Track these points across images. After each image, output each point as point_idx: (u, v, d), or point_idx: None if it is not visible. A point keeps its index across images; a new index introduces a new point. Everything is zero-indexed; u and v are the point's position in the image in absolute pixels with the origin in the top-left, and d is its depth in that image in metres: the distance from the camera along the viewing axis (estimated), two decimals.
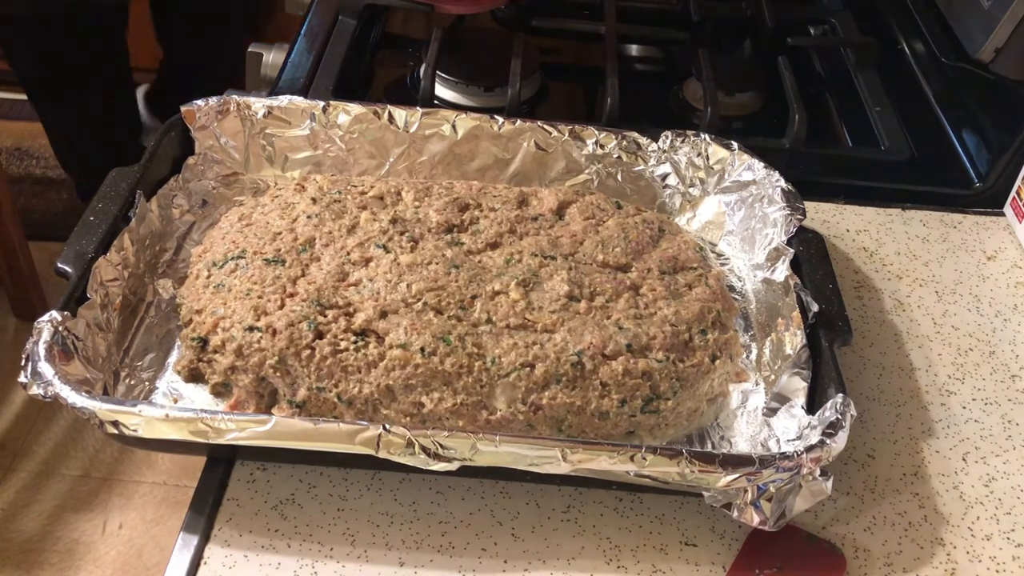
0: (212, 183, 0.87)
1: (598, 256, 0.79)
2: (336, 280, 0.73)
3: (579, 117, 1.13)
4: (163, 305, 0.77)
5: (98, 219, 0.75)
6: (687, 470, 0.60)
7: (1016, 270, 0.93)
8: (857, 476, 0.72)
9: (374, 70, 1.15)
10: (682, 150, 0.88)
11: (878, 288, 0.89)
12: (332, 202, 0.81)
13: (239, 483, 0.68)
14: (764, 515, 0.62)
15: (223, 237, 0.78)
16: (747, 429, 0.72)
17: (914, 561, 0.67)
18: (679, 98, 1.11)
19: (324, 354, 0.68)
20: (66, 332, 0.65)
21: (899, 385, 0.80)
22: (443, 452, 0.60)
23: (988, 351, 0.84)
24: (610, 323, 0.72)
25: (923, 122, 1.08)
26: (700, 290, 0.77)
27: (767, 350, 0.76)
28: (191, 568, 0.63)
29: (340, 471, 0.69)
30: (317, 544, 0.65)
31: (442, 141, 0.88)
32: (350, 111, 0.87)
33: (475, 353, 0.69)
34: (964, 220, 0.98)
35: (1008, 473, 0.74)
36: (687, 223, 0.89)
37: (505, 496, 0.69)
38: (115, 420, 0.61)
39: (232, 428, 0.60)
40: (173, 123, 0.85)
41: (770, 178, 0.84)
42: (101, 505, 1.80)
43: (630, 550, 0.66)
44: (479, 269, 0.76)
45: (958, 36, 1.05)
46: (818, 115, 1.10)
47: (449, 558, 0.65)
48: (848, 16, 1.25)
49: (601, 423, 0.69)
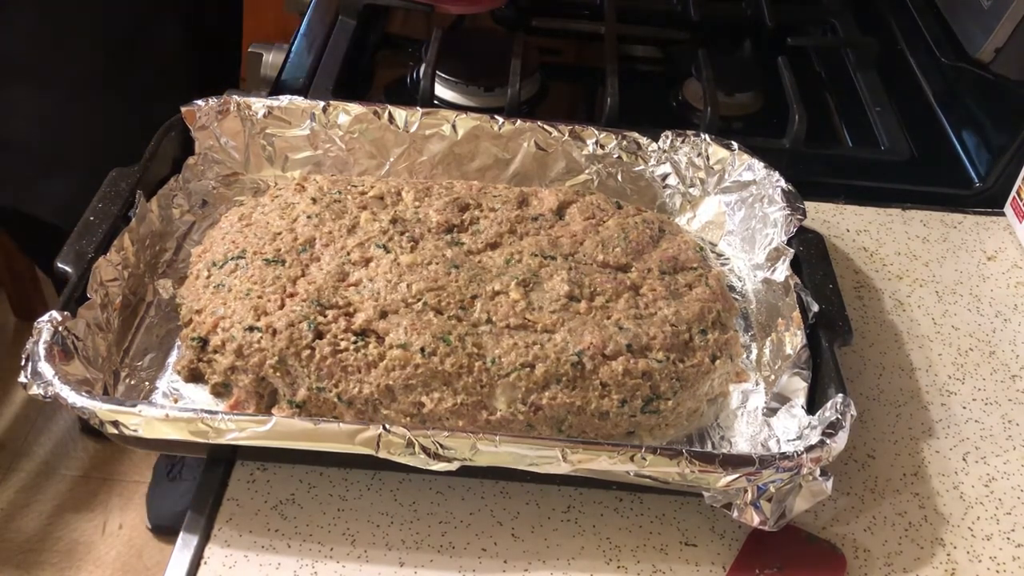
0: (212, 183, 0.87)
1: (598, 256, 0.79)
2: (336, 280, 0.73)
3: (579, 117, 1.13)
4: (163, 305, 0.77)
5: (98, 219, 0.75)
6: (687, 470, 0.60)
7: (1016, 270, 0.93)
8: (857, 476, 0.72)
9: (374, 70, 1.15)
10: (682, 150, 0.88)
11: (878, 288, 0.89)
12: (332, 202, 0.81)
13: (239, 483, 0.68)
14: (764, 515, 0.62)
15: (223, 237, 0.78)
16: (747, 429, 0.72)
17: (914, 561, 0.67)
18: (679, 98, 1.11)
19: (324, 354, 0.68)
20: (66, 332, 0.65)
21: (899, 385, 0.80)
22: (443, 452, 0.60)
23: (988, 351, 0.84)
24: (610, 323, 0.72)
25: (923, 122, 1.08)
26: (700, 290, 0.77)
27: (767, 350, 0.76)
28: (191, 568, 0.63)
29: (340, 471, 0.69)
30: (317, 544, 0.65)
31: (442, 141, 0.88)
32: (350, 111, 0.87)
33: (475, 353, 0.69)
34: (964, 220, 0.98)
35: (1008, 473, 0.74)
36: (687, 223, 0.89)
37: (505, 496, 0.69)
38: (115, 420, 0.61)
39: (232, 428, 0.60)
40: (173, 123, 0.85)
41: (770, 178, 0.84)
42: (101, 505, 1.80)
43: (630, 550, 0.66)
44: (479, 269, 0.76)
45: (958, 36, 1.05)
46: (818, 115, 1.10)
47: (449, 558, 0.65)
48: (848, 16, 1.25)
49: (601, 423, 0.69)
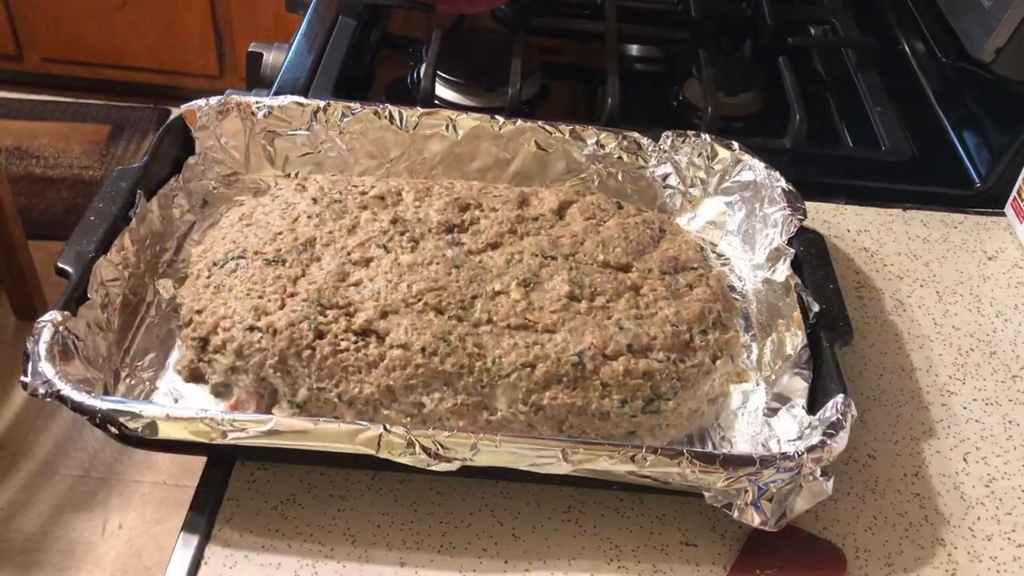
0: (212, 183, 0.87)
1: (599, 256, 0.79)
2: (337, 280, 0.73)
3: (579, 117, 1.13)
4: (163, 305, 0.77)
5: (99, 219, 0.75)
6: (688, 470, 0.60)
7: (1017, 270, 0.93)
8: (858, 476, 0.72)
9: (374, 70, 1.15)
10: (683, 150, 0.88)
11: (879, 288, 0.89)
12: (332, 202, 0.81)
13: (239, 483, 0.68)
14: (765, 515, 0.62)
15: (223, 237, 0.78)
16: (748, 429, 0.72)
17: (915, 561, 0.67)
18: (679, 98, 1.11)
19: (325, 354, 0.68)
20: (66, 332, 0.65)
21: (900, 385, 0.80)
22: (444, 452, 0.60)
23: (989, 351, 0.84)
24: (611, 323, 0.72)
25: (923, 122, 1.08)
26: (701, 290, 0.77)
27: (768, 350, 0.76)
28: (191, 568, 0.63)
29: (340, 471, 0.69)
30: (317, 544, 0.65)
31: (442, 141, 0.88)
32: (350, 111, 0.87)
33: (476, 353, 0.69)
34: (965, 220, 0.98)
35: (1009, 473, 0.74)
36: (688, 223, 0.89)
37: (506, 496, 0.69)
38: (115, 420, 0.61)
39: (232, 428, 0.60)
40: (173, 123, 0.85)
41: (771, 178, 0.84)
42: (101, 505, 1.80)
43: (631, 550, 0.66)
44: (480, 269, 0.76)
45: (959, 36, 1.05)
46: (819, 115, 1.10)
47: (450, 558, 0.65)
48: (848, 16, 1.25)
49: (602, 423, 0.69)
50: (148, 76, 2.68)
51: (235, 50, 2.57)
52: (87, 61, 2.66)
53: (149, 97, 2.73)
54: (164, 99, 2.72)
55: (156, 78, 2.67)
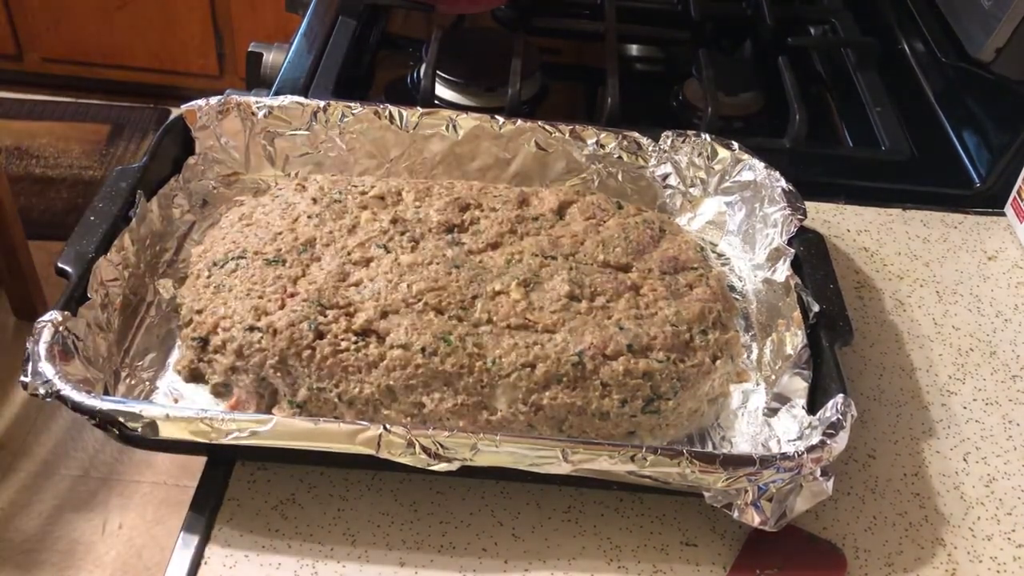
0: (212, 183, 0.87)
1: (599, 256, 0.79)
2: (337, 280, 0.73)
3: (579, 117, 1.13)
4: (163, 305, 0.77)
5: (98, 219, 0.75)
6: (688, 470, 0.60)
7: (1017, 270, 0.93)
8: (858, 476, 0.72)
9: (374, 70, 1.15)
10: (683, 150, 0.88)
11: (879, 288, 0.89)
12: (333, 202, 0.81)
13: (239, 483, 0.68)
14: (765, 515, 0.62)
15: (224, 237, 0.78)
16: (748, 429, 0.72)
17: (915, 561, 0.67)
18: (679, 98, 1.11)
19: (325, 354, 0.68)
20: (66, 332, 0.65)
21: (900, 385, 0.80)
22: (444, 452, 0.60)
23: (989, 351, 0.84)
24: (611, 323, 0.72)
25: (923, 122, 1.08)
26: (701, 290, 0.77)
27: (768, 350, 0.76)
28: (191, 568, 0.63)
29: (340, 471, 0.69)
30: (317, 544, 0.65)
31: (442, 141, 0.88)
32: (350, 111, 0.87)
33: (476, 353, 0.69)
34: (965, 220, 0.98)
35: (1009, 473, 0.74)
36: (688, 223, 0.89)
37: (506, 496, 0.69)
38: (116, 420, 0.61)
39: (232, 428, 0.60)
40: (173, 123, 0.85)
41: (771, 178, 0.84)
42: (101, 505, 1.80)
43: (631, 550, 0.66)
44: (480, 269, 0.76)
45: (958, 36, 1.05)
46: (818, 115, 1.10)
47: (450, 558, 0.65)
48: (848, 16, 1.25)
49: (602, 423, 0.69)
50: (148, 76, 2.68)
51: (235, 50, 2.57)
52: (87, 61, 2.66)
53: (149, 97, 2.73)
54: (164, 99, 2.72)
55: (156, 78, 2.68)
